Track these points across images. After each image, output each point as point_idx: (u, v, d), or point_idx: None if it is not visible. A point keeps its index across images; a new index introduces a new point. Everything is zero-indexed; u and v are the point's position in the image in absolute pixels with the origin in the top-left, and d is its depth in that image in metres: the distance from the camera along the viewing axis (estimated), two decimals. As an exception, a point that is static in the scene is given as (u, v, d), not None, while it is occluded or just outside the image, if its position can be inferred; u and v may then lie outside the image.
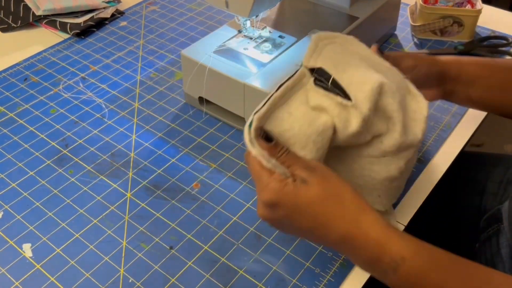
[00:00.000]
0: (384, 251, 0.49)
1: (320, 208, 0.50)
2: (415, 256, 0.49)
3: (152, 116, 0.86)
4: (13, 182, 0.75)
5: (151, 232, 0.68)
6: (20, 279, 0.63)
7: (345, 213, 0.50)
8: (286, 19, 0.92)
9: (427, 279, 0.48)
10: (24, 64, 0.98)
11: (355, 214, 0.50)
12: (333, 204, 0.50)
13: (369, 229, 0.49)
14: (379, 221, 0.50)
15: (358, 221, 0.49)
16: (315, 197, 0.50)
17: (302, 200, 0.50)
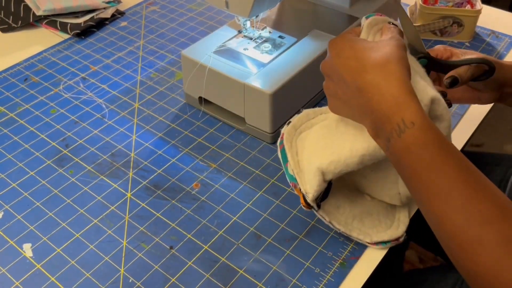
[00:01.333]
0: (398, 110, 0.48)
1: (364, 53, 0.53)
2: (425, 126, 0.47)
3: (152, 116, 0.86)
4: (13, 182, 0.75)
5: (151, 232, 0.68)
6: (21, 279, 0.63)
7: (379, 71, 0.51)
8: (286, 20, 0.92)
9: (427, 153, 0.47)
10: (24, 64, 0.98)
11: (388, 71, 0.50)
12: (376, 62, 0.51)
13: (394, 86, 0.49)
14: (406, 84, 0.50)
15: (387, 75, 0.50)
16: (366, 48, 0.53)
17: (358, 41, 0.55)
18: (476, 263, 0.44)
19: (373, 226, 0.66)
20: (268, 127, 0.79)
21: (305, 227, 0.68)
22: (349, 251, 0.65)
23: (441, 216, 0.46)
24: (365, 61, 0.52)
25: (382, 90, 0.50)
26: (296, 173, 0.63)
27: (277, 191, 0.73)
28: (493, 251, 0.43)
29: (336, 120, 0.62)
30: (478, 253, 0.44)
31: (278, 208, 0.71)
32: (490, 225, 0.44)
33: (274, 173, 0.76)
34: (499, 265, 0.43)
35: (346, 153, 0.58)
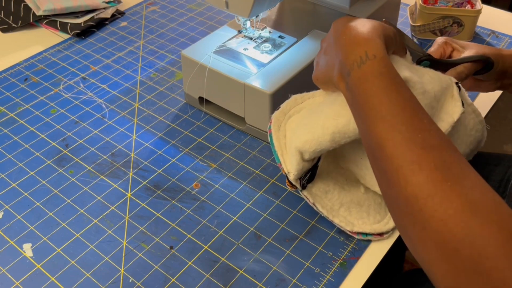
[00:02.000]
0: (364, 43, 0.52)
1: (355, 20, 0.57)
2: (384, 59, 0.51)
3: (152, 116, 0.86)
4: (13, 182, 0.75)
5: (151, 232, 0.68)
6: (21, 279, 0.63)
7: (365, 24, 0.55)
8: (286, 20, 0.92)
9: (383, 81, 0.50)
10: (24, 64, 0.98)
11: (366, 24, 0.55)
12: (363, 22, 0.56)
13: (366, 29, 0.54)
14: (378, 30, 0.54)
15: (364, 25, 0.55)
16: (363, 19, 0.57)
17: (353, 18, 0.58)
18: (411, 184, 0.44)
19: (360, 217, 0.67)
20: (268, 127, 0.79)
21: (305, 227, 0.68)
22: (349, 251, 0.65)
23: (384, 138, 0.47)
24: (352, 20, 0.57)
25: (355, 31, 0.54)
26: (281, 154, 0.65)
27: (277, 191, 0.73)
28: (431, 173, 0.44)
29: (318, 102, 0.65)
30: (415, 174, 0.44)
31: (278, 208, 0.71)
32: (431, 150, 0.45)
33: (274, 173, 0.76)
34: (434, 187, 0.43)
35: (319, 131, 0.60)
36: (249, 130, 0.82)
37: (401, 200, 0.45)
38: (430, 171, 0.44)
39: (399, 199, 0.46)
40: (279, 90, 0.76)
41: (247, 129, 0.82)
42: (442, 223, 0.42)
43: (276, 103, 0.77)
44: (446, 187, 0.43)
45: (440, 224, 0.42)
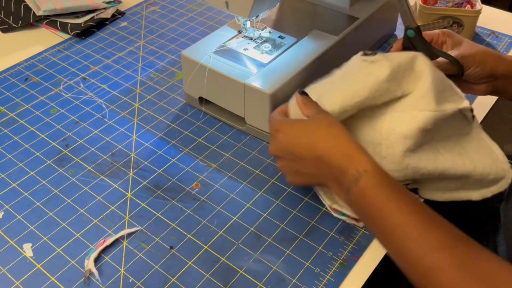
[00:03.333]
0: (351, 162, 0.55)
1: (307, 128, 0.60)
2: (376, 171, 0.54)
3: (152, 116, 0.86)
4: (13, 182, 0.75)
5: (152, 232, 0.68)
6: (21, 279, 0.63)
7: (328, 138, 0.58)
8: (286, 20, 0.92)
9: (382, 193, 0.53)
10: (24, 64, 0.98)
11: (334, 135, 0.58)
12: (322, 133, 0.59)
13: (343, 145, 0.57)
14: (351, 140, 0.57)
15: (335, 138, 0.58)
16: (309, 124, 0.61)
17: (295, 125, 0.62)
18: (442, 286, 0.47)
19: None
20: (268, 127, 0.79)
21: (305, 227, 0.68)
22: (349, 251, 0.65)
23: (402, 248, 0.50)
24: (312, 134, 0.60)
25: (335, 151, 0.57)
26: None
27: (277, 191, 0.73)
28: (452, 275, 0.47)
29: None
30: (440, 278, 0.47)
31: (278, 208, 0.71)
32: (445, 251, 0.48)
33: (274, 173, 0.76)
34: (462, 286, 0.46)
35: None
36: (249, 130, 0.82)
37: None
38: (451, 273, 0.47)
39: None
40: (279, 90, 0.76)
41: (247, 129, 0.82)
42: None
43: (276, 103, 0.77)
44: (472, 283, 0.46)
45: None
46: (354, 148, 0.56)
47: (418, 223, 0.50)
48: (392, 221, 0.51)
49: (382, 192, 0.53)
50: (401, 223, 0.50)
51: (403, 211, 0.51)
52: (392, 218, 0.51)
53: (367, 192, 0.53)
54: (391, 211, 0.51)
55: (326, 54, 0.83)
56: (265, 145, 0.81)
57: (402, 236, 0.50)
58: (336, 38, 0.85)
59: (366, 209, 0.54)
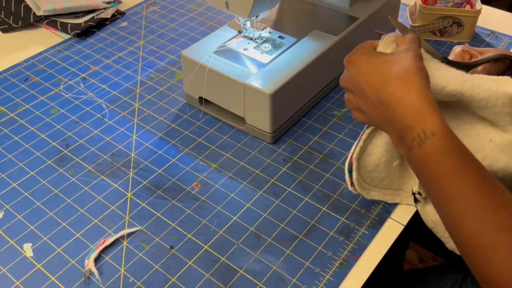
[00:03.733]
0: (420, 120, 0.50)
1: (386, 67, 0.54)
2: (445, 136, 0.49)
3: (152, 116, 0.86)
4: (13, 182, 0.75)
5: (152, 232, 0.68)
6: (21, 279, 0.63)
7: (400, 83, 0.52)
8: (286, 20, 0.92)
9: (447, 162, 0.48)
10: (24, 65, 0.98)
11: (408, 83, 0.52)
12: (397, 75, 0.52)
13: (415, 97, 0.51)
14: (426, 95, 0.51)
15: (408, 87, 0.51)
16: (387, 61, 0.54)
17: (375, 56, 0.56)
18: (490, 269, 0.45)
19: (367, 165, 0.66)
20: (268, 127, 0.79)
21: (305, 227, 0.68)
22: (349, 251, 0.65)
23: (459, 222, 0.47)
24: (385, 75, 0.53)
25: (404, 102, 0.51)
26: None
27: (277, 191, 0.73)
28: (507, 257, 0.44)
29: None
30: (492, 259, 0.45)
31: (278, 208, 0.71)
32: (505, 233, 0.45)
33: (274, 173, 0.76)
34: (510, 273, 0.44)
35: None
36: (249, 130, 0.82)
37: (484, 281, 0.46)
38: (506, 255, 0.44)
39: (482, 279, 0.47)
40: (279, 90, 0.76)
41: (247, 129, 0.82)
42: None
43: (276, 103, 0.77)
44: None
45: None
46: (426, 103, 0.50)
47: (481, 199, 0.46)
48: (454, 192, 0.47)
49: (447, 160, 0.48)
50: (463, 196, 0.47)
51: (468, 184, 0.47)
52: (454, 189, 0.47)
53: (432, 157, 0.49)
54: (453, 182, 0.48)
55: (326, 54, 0.83)
56: (265, 145, 0.81)
57: (461, 210, 0.47)
58: (336, 38, 0.85)
59: (426, 173, 0.50)
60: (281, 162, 0.78)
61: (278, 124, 0.80)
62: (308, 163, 0.77)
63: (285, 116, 0.81)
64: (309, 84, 0.84)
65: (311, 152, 0.79)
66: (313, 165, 0.77)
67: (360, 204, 0.71)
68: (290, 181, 0.75)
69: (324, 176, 0.75)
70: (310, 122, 0.85)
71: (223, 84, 0.80)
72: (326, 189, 0.73)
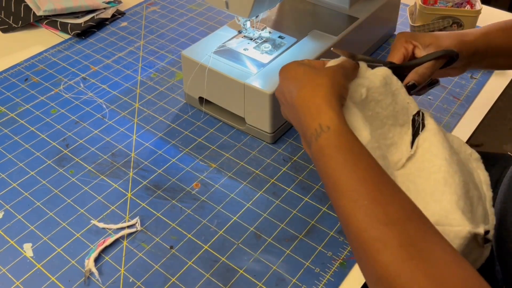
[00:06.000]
0: (318, 116, 0.53)
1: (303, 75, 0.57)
2: (339, 131, 0.51)
3: (152, 116, 0.86)
4: (13, 182, 0.75)
5: (152, 232, 0.68)
6: (21, 279, 0.63)
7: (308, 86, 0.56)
8: (286, 20, 0.92)
9: (339, 155, 0.50)
10: (24, 65, 0.98)
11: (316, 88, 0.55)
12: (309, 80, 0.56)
13: (318, 97, 0.54)
14: (330, 96, 0.54)
15: (315, 91, 0.55)
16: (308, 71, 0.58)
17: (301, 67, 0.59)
18: (378, 263, 0.44)
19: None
20: (268, 127, 0.79)
21: (305, 227, 0.68)
22: (349, 251, 0.65)
23: (348, 214, 0.47)
24: (301, 81, 0.57)
25: (308, 102, 0.55)
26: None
27: (277, 191, 0.73)
28: (395, 251, 0.43)
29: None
30: (380, 252, 0.44)
31: (278, 208, 0.71)
32: (394, 226, 0.44)
33: (274, 173, 0.76)
34: (400, 266, 0.43)
35: None
36: (249, 130, 0.82)
37: (373, 277, 0.45)
38: (395, 249, 0.43)
39: (370, 276, 0.46)
40: (279, 90, 0.76)
41: (247, 129, 0.82)
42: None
43: (276, 103, 0.77)
44: (412, 265, 0.42)
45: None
46: (327, 102, 0.53)
47: (371, 192, 0.47)
48: (344, 184, 0.48)
49: (340, 153, 0.50)
50: (353, 188, 0.48)
51: (359, 177, 0.48)
52: (344, 182, 0.48)
53: (325, 150, 0.51)
54: (344, 175, 0.49)
55: (326, 54, 0.83)
56: (265, 145, 0.81)
57: (350, 202, 0.47)
58: (336, 38, 0.85)
59: (322, 167, 0.52)
60: (281, 162, 0.78)
61: (278, 124, 0.80)
62: (308, 163, 0.77)
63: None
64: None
65: (311, 152, 0.79)
66: (313, 165, 0.77)
67: (360, 204, 0.71)
68: (290, 181, 0.75)
69: (324, 176, 0.75)
70: (310, 122, 0.85)
71: (223, 84, 0.80)
72: (326, 189, 0.73)
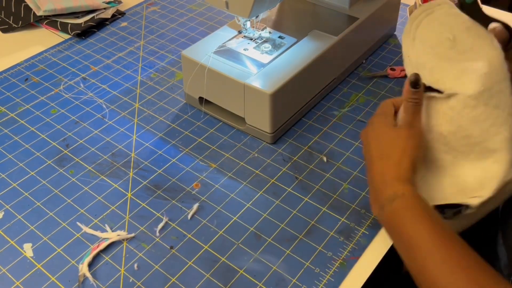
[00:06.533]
0: (393, 184, 0.58)
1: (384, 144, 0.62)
2: (412, 196, 0.56)
3: (152, 116, 0.86)
4: (14, 182, 0.75)
5: (152, 232, 0.68)
6: (21, 279, 0.63)
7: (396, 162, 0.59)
8: (286, 20, 0.92)
9: (413, 215, 0.55)
10: (25, 65, 0.98)
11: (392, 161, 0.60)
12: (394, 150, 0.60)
13: (392, 172, 0.59)
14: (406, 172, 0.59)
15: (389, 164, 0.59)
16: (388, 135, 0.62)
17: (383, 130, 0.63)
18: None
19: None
20: (268, 127, 0.79)
21: (305, 227, 0.68)
22: (349, 251, 0.65)
23: (423, 266, 0.52)
24: (381, 146, 0.62)
25: (385, 176, 0.59)
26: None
27: (277, 191, 0.73)
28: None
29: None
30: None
31: (278, 208, 0.71)
32: (463, 271, 0.50)
33: (274, 173, 0.76)
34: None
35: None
36: (249, 130, 0.82)
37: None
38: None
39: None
40: (279, 90, 0.76)
41: (247, 129, 0.82)
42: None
43: (276, 103, 0.77)
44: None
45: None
46: (404, 179, 0.58)
47: (441, 244, 0.53)
48: (418, 239, 0.53)
49: (413, 213, 0.55)
50: (426, 242, 0.53)
51: (430, 232, 0.53)
52: (418, 237, 0.54)
53: (400, 211, 0.56)
54: (418, 231, 0.54)
55: (326, 54, 0.83)
56: (265, 145, 0.81)
57: (424, 255, 0.52)
58: (336, 38, 0.85)
59: (395, 226, 0.56)
60: (281, 162, 0.78)
61: (278, 124, 0.80)
62: (308, 163, 0.77)
63: (285, 116, 0.81)
64: (309, 84, 0.84)
65: (311, 152, 0.79)
66: (313, 165, 0.77)
67: (360, 204, 0.71)
68: (290, 181, 0.75)
69: (324, 176, 0.75)
70: (310, 122, 0.85)
71: (223, 84, 0.80)
72: (326, 189, 0.73)
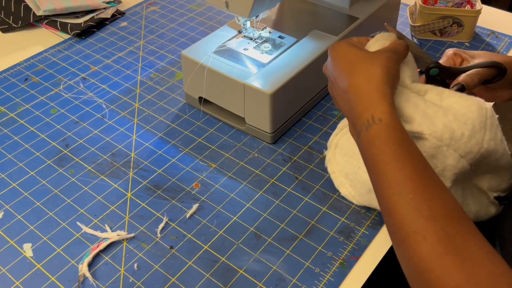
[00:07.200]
0: (370, 107, 0.54)
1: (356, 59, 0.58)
2: (391, 124, 0.52)
3: (152, 116, 0.86)
4: (13, 182, 0.75)
5: (151, 232, 0.68)
6: (21, 279, 0.63)
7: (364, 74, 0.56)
8: (286, 20, 0.92)
9: (389, 148, 0.51)
10: (24, 64, 0.98)
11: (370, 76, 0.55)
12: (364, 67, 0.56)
13: (372, 87, 0.55)
14: (384, 87, 0.55)
15: (369, 79, 0.55)
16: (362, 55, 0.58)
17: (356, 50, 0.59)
18: (416, 255, 0.46)
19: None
20: (268, 127, 0.79)
21: (305, 227, 0.68)
22: (349, 251, 0.65)
23: (392, 206, 0.49)
24: (355, 66, 0.57)
25: (361, 91, 0.55)
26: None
27: (277, 191, 0.73)
28: (434, 245, 0.45)
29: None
30: (420, 246, 0.46)
31: (278, 208, 0.71)
32: (435, 221, 0.46)
33: (274, 173, 0.76)
34: (437, 260, 0.45)
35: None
36: (249, 130, 0.82)
37: (410, 268, 0.48)
38: (433, 243, 0.46)
39: (407, 266, 0.48)
40: (279, 90, 0.76)
41: (247, 129, 0.82)
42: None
43: (276, 103, 0.77)
44: (447, 259, 0.44)
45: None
46: (381, 93, 0.54)
47: (416, 187, 0.49)
48: (390, 177, 0.50)
49: (388, 147, 0.51)
50: (398, 182, 0.49)
51: (404, 172, 0.50)
52: (391, 175, 0.50)
53: (375, 142, 0.52)
54: (392, 168, 0.50)
55: (326, 54, 0.83)
56: (265, 145, 0.81)
57: (395, 195, 0.49)
58: (336, 38, 0.85)
59: (369, 158, 0.53)
60: (281, 162, 0.78)
61: (278, 124, 0.80)
62: (308, 163, 0.77)
63: (285, 116, 0.81)
64: (309, 84, 0.84)
65: (311, 152, 0.79)
66: (313, 165, 0.77)
67: (360, 204, 0.71)
68: (290, 181, 0.75)
69: (324, 176, 0.75)
70: (310, 122, 0.85)
71: (223, 84, 0.80)
72: (326, 189, 0.73)
